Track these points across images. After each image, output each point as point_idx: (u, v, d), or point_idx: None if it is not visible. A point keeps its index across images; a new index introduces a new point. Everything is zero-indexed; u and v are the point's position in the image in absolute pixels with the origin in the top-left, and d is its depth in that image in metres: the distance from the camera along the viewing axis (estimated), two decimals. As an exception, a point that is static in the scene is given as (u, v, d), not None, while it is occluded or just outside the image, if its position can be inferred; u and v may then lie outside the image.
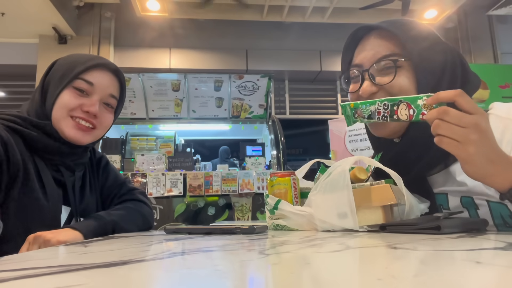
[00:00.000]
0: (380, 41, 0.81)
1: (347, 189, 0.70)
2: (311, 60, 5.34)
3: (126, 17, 4.87)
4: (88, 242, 0.62)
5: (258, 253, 0.44)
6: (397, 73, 0.77)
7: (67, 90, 0.88)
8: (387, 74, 0.78)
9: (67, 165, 0.92)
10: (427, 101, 0.63)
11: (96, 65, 0.92)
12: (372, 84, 0.79)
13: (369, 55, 0.81)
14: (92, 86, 0.90)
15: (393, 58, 0.78)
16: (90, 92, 0.90)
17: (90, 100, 0.90)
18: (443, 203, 0.77)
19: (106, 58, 0.98)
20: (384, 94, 0.78)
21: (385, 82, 0.78)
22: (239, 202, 3.09)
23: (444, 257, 0.37)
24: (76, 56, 0.94)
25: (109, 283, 0.29)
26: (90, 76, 0.90)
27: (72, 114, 0.88)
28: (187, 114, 3.70)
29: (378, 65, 0.79)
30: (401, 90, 0.77)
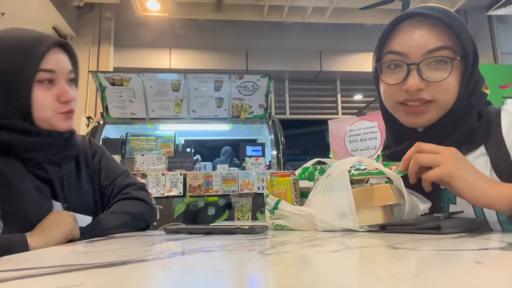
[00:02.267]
0: (430, 30, 0.74)
1: (347, 189, 0.70)
2: (311, 60, 5.34)
3: (126, 17, 4.87)
4: (88, 242, 0.62)
5: (258, 253, 0.44)
6: (443, 69, 0.72)
7: (35, 88, 0.86)
8: (438, 70, 0.73)
9: (50, 160, 0.90)
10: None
11: (48, 48, 0.87)
12: (421, 79, 0.73)
13: (418, 45, 0.73)
14: (54, 72, 0.88)
15: (445, 52, 0.73)
16: (54, 79, 0.88)
17: (59, 87, 0.88)
18: (451, 198, 0.77)
19: (43, 33, 0.91)
20: (430, 90, 0.73)
21: (437, 79, 0.72)
22: (239, 202, 3.09)
23: (444, 257, 0.37)
24: (17, 40, 0.86)
25: (109, 283, 0.29)
26: (47, 63, 0.86)
27: (57, 111, 0.88)
28: (187, 114, 3.70)
29: (430, 59, 0.73)
30: (448, 88, 0.73)
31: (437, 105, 0.74)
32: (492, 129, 0.74)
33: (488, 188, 0.62)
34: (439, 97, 0.74)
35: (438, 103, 0.74)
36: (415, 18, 0.76)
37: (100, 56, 4.87)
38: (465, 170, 0.64)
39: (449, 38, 0.74)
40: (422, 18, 0.75)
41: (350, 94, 5.86)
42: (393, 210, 0.73)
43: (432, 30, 0.74)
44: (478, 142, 0.75)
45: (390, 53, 0.77)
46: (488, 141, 0.74)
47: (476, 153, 0.75)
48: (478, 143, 0.75)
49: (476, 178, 0.64)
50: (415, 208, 0.70)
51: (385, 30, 0.79)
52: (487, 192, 0.62)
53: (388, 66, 0.78)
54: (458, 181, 0.63)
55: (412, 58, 0.74)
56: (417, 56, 0.74)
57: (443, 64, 0.73)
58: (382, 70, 0.80)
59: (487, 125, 0.75)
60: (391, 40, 0.79)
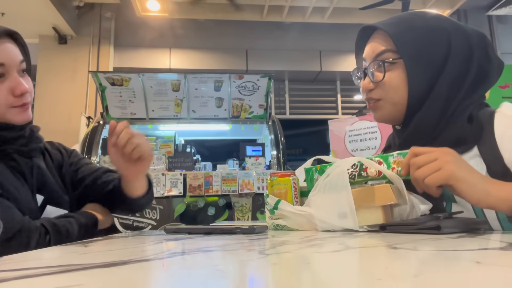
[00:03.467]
0: (379, 38, 0.84)
1: (346, 189, 0.70)
2: (311, 60, 5.34)
3: (126, 17, 4.87)
4: (88, 242, 0.62)
5: (258, 253, 0.44)
6: (389, 70, 0.81)
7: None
8: (381, 71, 0.82)
9: (20, 151, 0.90)
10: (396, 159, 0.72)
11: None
12: (370, 81, 0.84)
13: (370, 51, 0.85)
14: (4, 65, 0.85)
15: (387, 55, 0.81)
16: (5, 72, 0.85)
17: (12, 79, 0.85)
18: (450, 196, 0.77)
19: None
20: (379, 90, 0.83)
21: (377, 79, 0.83)
22: (239, 202, 3.09)
23: (444, 257, 0.37)
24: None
25: (109, 283, 0.29)
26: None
27: (11, 105, 0.86)
28: (187, 114, 3.70)
29: (375, 62, 0.83)
30: (391, 86, 0.81)
31: (386, 102, 0.83)
32: (485, 131, 0.75)
33: (489, 189, 0.63)
34: (386, 94, 0.83)
35: (387, 100, 0.83)
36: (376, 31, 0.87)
37: (100, 56, 4.87)
38: (466, 171, 0.64)
39: (391, 42, 0.81)
40: (375, 28, 0.87)
41: (350, 94, 5.86)
42: (393, 210, 0.73)
43: (381, 38, 0.84)
44: (471, 144, 0.76)
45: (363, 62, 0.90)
46: (481, 143, 0.75)
47: (469, 154, 0.75)
48: (470, 145, 0.76)
49: (477, 178, 0.64)
50: (415, 208, 0.70)
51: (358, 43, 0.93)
52: (488, 192, 0.63)
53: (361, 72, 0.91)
54: (461, 183, 0.63)
55: (367, 63, 0.86)
56: (369, 60, 0.85)
57: (388, 65, 0.81)
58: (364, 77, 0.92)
59: (479, 127, 0.76)
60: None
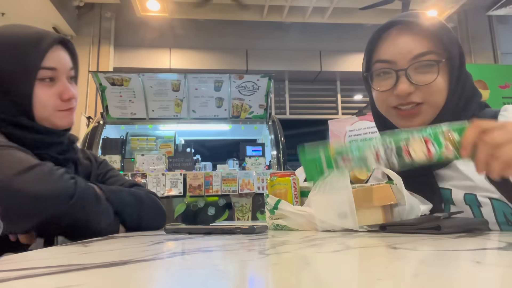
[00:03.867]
0: (413, 36, 0.77)
1: (347, 189, 0.70)
2: (311, 60, 5.34)
3: (126, 17, 4.87)
4: (88, 242, 0.62)
5: (258, 253, 0.44)
6: (431, 71, 0.75)
7: (36, 86, 0.86)
8: (425, 73, 0.76)
9: (55, 159, 0.89)
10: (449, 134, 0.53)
11: (49, 46, 0.87)
12: (410, 83, 0.76)
13: (404, 52, 0.77)
14: (56, 70, 0.88)
15: (431, 56, 0.76)
16: (56, 76, 0.88)
17: (61, 84, 0.89)
18: (448, 198, 0.77)
19: (44, 30, 0.90)
20: (420, 93, 0.76)
21: (425, 81, 0.75)
22: (239, 202, 3.09)
23: (444, 257, 0.37)
24: (19, 37, 0.86)
25: (109, 283, 0.29)
26: (49, 61, 0.86)
27: (58, 109, 0.88)
28: (187, 114, 3.70)
29: (417, 63, 0.76)
30: (438, 90, 0.76)
31: (429, 106, 0.77)
32: None
33: None
34: (429, 98, 0.76)
35: (430, 104, 0.77)
36: (398, 27, 0.79)
37: (100, 56, 4.87)
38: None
39: (433, 42, 0.77)
40: (405, 26, 0.78)
41: (350, 94, 5.86)
42: (393, 210, 0.73)
43: (415, 36, 0.77)
44: None
45: (378, 62, 0.81)
46: None
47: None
48: None
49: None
50: (415, 208, 0.70)
51: (371, 40, 0.83)
52: None
53: (378, 74, 0.82)
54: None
55: (400, 65, 0.77)
56: (404, 62, 0.77)
57: (429, 67, 0.76)
58: (372, 79, 0.84)
59: None
60: (377, 49, 0.82)
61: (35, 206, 0.71)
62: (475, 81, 0.83)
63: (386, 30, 0.81)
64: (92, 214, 0.79)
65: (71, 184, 0.77)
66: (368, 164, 0.56)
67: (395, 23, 0.79)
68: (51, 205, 0.73)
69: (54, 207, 0.73)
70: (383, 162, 0.55)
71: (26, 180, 0.71)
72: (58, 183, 0.75)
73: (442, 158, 0.55)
